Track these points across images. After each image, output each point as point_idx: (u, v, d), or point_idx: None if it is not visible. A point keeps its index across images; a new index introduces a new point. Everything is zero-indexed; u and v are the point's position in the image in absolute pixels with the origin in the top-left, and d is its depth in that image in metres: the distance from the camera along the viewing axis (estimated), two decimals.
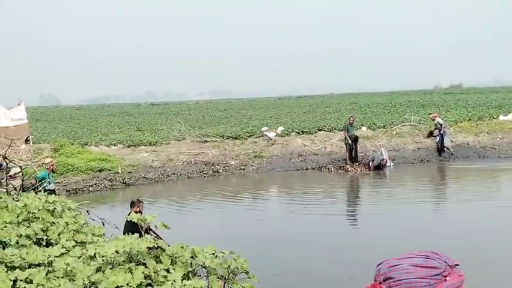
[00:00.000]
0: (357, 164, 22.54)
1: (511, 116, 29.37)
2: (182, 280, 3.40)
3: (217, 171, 22.49)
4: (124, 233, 7.48)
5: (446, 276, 2.59)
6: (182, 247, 3.90)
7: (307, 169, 22.92)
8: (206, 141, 25.82)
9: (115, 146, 25.45)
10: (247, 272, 3.98)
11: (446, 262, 2.64)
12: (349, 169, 22.02)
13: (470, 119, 28.97)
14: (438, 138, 24.07)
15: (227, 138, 26.17)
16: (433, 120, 24.52)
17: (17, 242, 4.20)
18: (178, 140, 26.36)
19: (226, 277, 3.84)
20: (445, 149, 24.11)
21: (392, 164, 22.73)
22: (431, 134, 24.68)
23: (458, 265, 2.67)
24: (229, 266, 3.80)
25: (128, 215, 8.57)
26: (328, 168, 22.46)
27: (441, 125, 23.91)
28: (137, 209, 9.78)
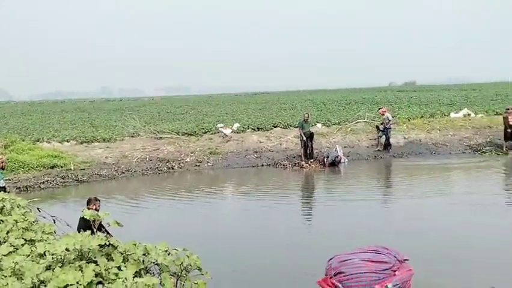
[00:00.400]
0: (312, 160, 22.73)
1: (462, 113, 30.07)
2: (134, 277, 3.37)
3: (172, 168, 22.36)
4: (77, 231, 7.37)
5: (395, 271, 2.63)
6: (134, 244, 3.87)
7: (262, 166, 23.00)
8: (161, 137, 25.64)
9: (68, 142, 25.05)
10: (200, 269, 3.97)
11: (395, 257, 2.69)
12: (304, 165, 22.18)
13: (422, 116, 29.56)
14: (381, 133, 24.45)
15: (182, 135, 26.04)
16: (382, 115, 24.86)
17: None
18: (132, 137, 26.11)
19: (179, 274, 3.82)
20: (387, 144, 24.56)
21: (346, 160, 22.99)
22: (378, 129, 25.06)
23: (407, 260, 2.72)
24: (182, 263, 3.78)
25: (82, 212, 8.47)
26: (283, 165, 22.58)
27: (389, 120, 24.28)
28: (94, 207, 9.65)
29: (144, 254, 3.75)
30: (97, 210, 9.47)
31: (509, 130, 23.98)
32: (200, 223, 13.81)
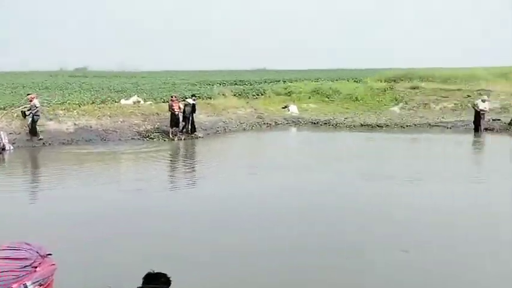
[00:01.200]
0: None
1: (132, 100, 30.73)
2: None
3: None
4: None
5: (36, 267, 2.40)
6: None
7: None
8: None
9: None
10: None
11: (37, 252, 2.47)
12: None
13: (93, 102, 29.29)
14: (29, 120, 23.55)
15: None
16: (31, 101, 23.83)
17: None
18: None
19: None
20: (37, 132, 23.70)
21: (12, 147, 21.67)
22: (24, 114, 24.06)
23: (51, 254, 2.51)
24: None
25: None
26: None
27: (36, 107, 23.42)
28: None
29: None
30: None
31: (181, 115, 25.53)
32: None
